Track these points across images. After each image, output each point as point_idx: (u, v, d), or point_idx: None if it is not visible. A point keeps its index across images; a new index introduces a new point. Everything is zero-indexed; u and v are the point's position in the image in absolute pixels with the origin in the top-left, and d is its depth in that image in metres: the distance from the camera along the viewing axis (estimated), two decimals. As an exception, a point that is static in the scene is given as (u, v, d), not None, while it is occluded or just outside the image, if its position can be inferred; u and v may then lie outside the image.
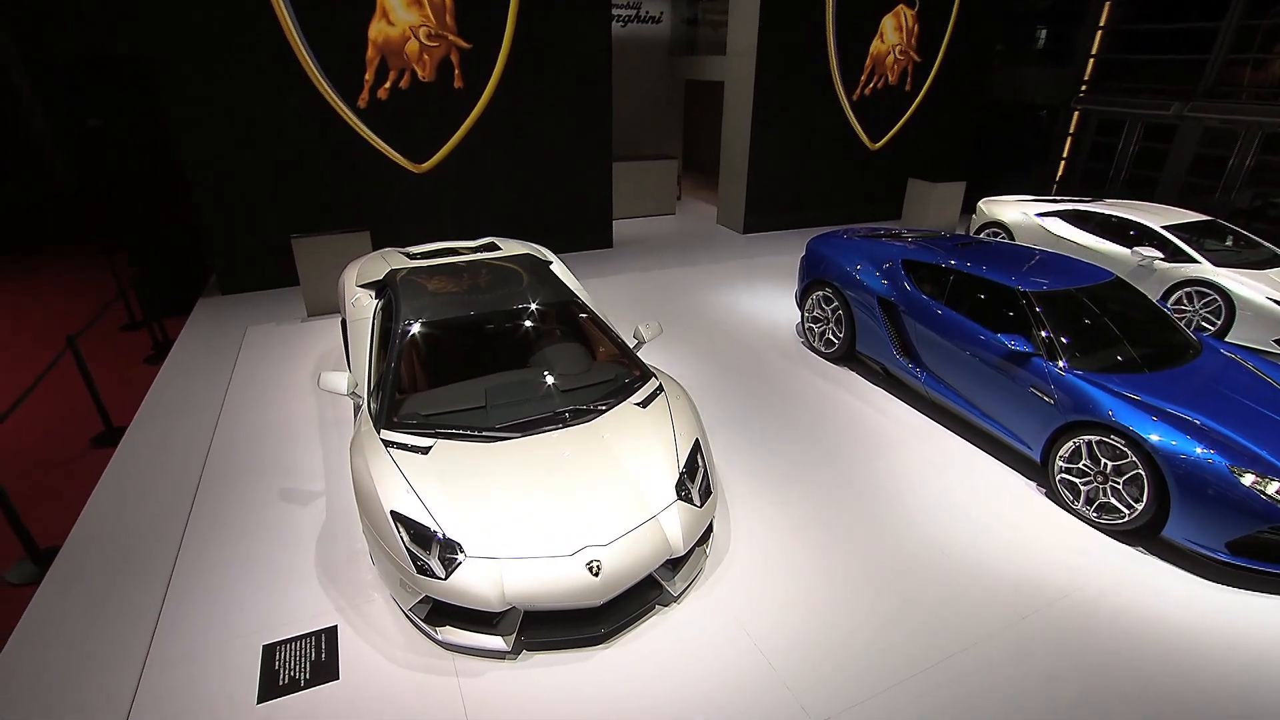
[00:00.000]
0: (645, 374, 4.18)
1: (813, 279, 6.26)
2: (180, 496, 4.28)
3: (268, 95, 7.59)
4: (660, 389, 4.04)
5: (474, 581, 2.94)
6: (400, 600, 3.20)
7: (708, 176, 13.63)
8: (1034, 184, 12.62)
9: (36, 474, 4.95)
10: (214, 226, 7.83)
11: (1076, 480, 4.09)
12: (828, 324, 6.17)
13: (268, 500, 4.21)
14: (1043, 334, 4.41)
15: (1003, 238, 8.75)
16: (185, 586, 3.56)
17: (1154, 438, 3.65)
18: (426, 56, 8.30)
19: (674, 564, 3.39)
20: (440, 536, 3.03)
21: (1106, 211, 7.83)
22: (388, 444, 3.42)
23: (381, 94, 8.23)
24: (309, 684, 2.97)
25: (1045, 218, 8.30)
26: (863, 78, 11.00)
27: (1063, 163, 12.80)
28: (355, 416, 3.91)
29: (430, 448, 3.42)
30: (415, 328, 4.11)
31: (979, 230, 9.11)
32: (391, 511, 3.10)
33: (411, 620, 3.19)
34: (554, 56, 8.93)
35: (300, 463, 4.59)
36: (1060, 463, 4.15)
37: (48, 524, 4.17)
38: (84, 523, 4.12)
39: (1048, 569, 3.73)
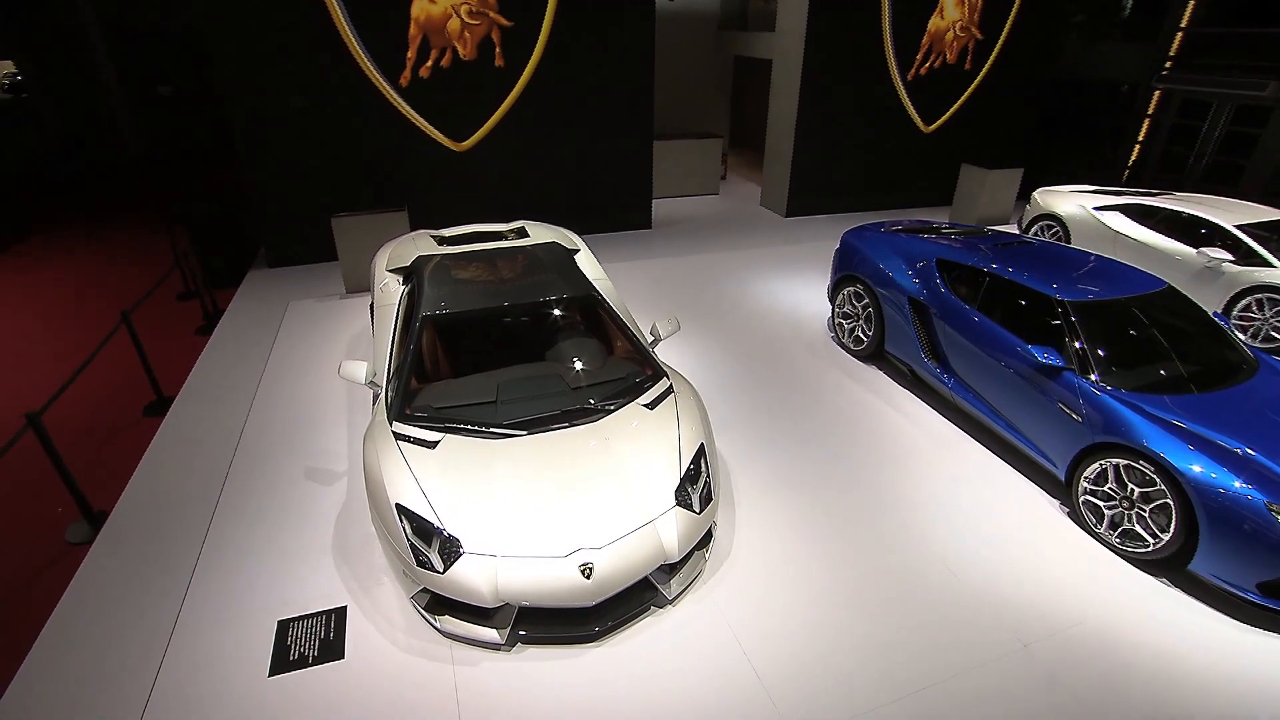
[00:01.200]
0: (657, 373, 4.18)
1: (844, 273, 6.09)
2: (215, 471, 4.54)
3: (312, 73, 7.76)
4: (670, 390, 4.04)
5: (470, 577, 3.04)
6: (403, 587, 3.34)
7: (756, 155, 13.29)
8: (1102, 171, 11.86)
9: (94, 441, 5.31)
10: (262, 200, 8.14)
11: (1101, 504, 3.92)
12: (857, 321, 6.02)
13: (294, 479, 4.43)
14: (1076, 346, 4.19)
15: (1056, 232, 8.29)
16: (214, 557, 3.80)
17: (1188, 467, 3.45)
18: (468, 34, 8.31)
19: (670, 568, 3.42)
20: (441, 531, 3.14)
21: (1173, 207, 7.30)
22: (398, 436, 3.54)
23: (423, 72, 8.30)
24: (316, 661, 3.15)
25: (1104, 211, 7.80)
26: (918, 56, 10.47)
27: (1137, 147, 11.96)
28: (373, 403, 4.04)
29: (438, 442, 3.52)
30: (434, 318, 4.21)
31: (1031, 223, 8.65)
32: (397, 504, 3.22)
33: (414, 606, 3.33)
34: (596, 33, 8.81)
35: (326, 443, 4.79)
36: (1085, 484, 3.98)
37: (102, 489, 4.48)
38: (131, 490, 4.43)
39: (1061, 594, 3.61)
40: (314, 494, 4.27)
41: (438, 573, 3.07)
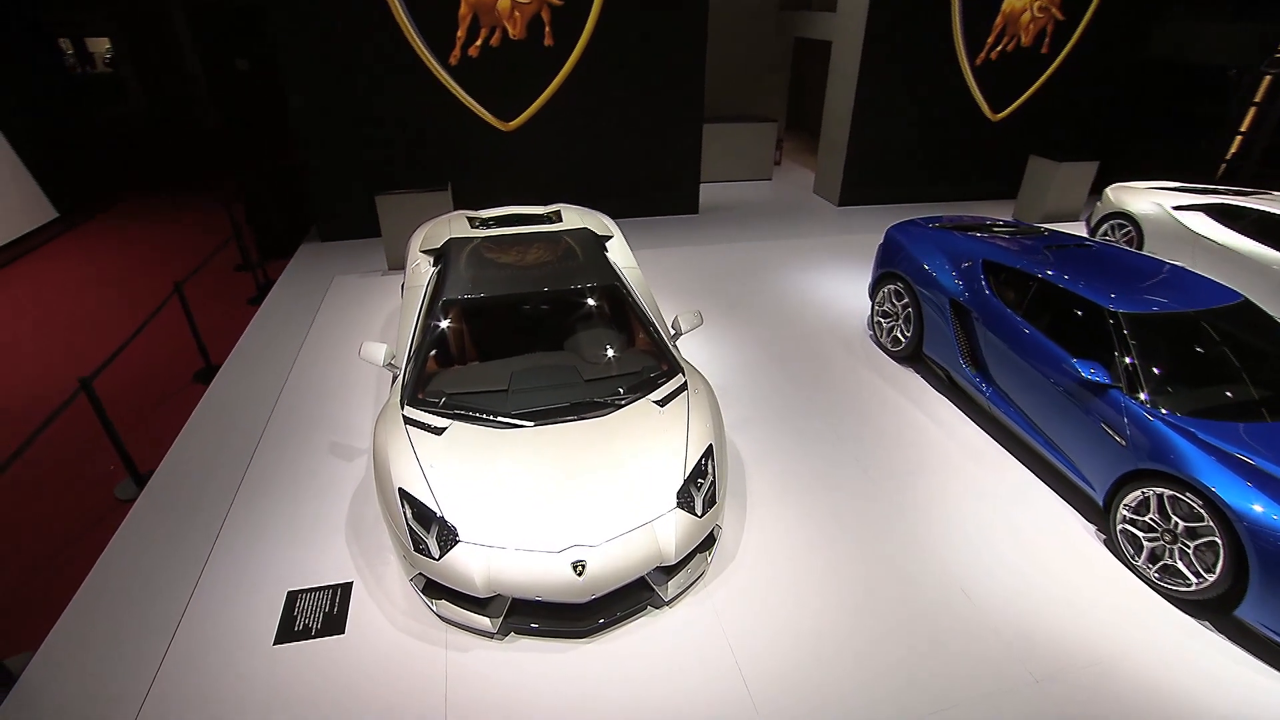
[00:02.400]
0: (673, 369, 4.10)
1: (886, 270, 5.82)
2: (248, 439, 4.74)
3: (364, 50, 7.89)
4: (684, 387, 3.95)
5: (463, 566, 3.08)
6: (404, 569, 3.41)
7: (815, 142, 12.84)
8: (1193, 165, 10.91)
9: (146, 403, 5.63)
10: (315, 174, 8.39)
11: (1140, 534, 3.63)
12: (897, 320, 5.75)
13: (318, 452, 4.58)
14: (1127, 362, 3.87)
15: (1128, 233, 7.69)
16: (238, 522, 3.98)
17: (1245, 506, 3.14)
18: (518, 14, 8.27)
19: (669, 569, 3.37)
20: (440, 518, 3.18)
21: (1267, 208, 6.64)
22: (408, 420, 3.60)
23: (473, 51, 8.33)
24: (318, 634, 3.26)
25: (1184, 211, 7.16)
26: (990, 39, 9.82)
27: (1238, 139, 10.92)
28: (391, 385, 4.12)
29: (445, 429, 3.55)
30: (455, 303, 4.25)
31: (1100, 222, 8.04)
32: (399, 489, 3.28)
33: (413, 589, 3.40)
34: (648, 12, 8.63)
35: (352, 419, 4.93)
36: (1124, 511, 3.69)
37: (150, 450, 4.75)
38: (172, 453, 4.68)
39: (1085, 629, 3.37)
40: (335, 468, 4.41)
41: (433, 559, 3.11)
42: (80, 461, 4.85)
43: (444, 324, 4.21)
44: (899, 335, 5.72)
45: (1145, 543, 3.62)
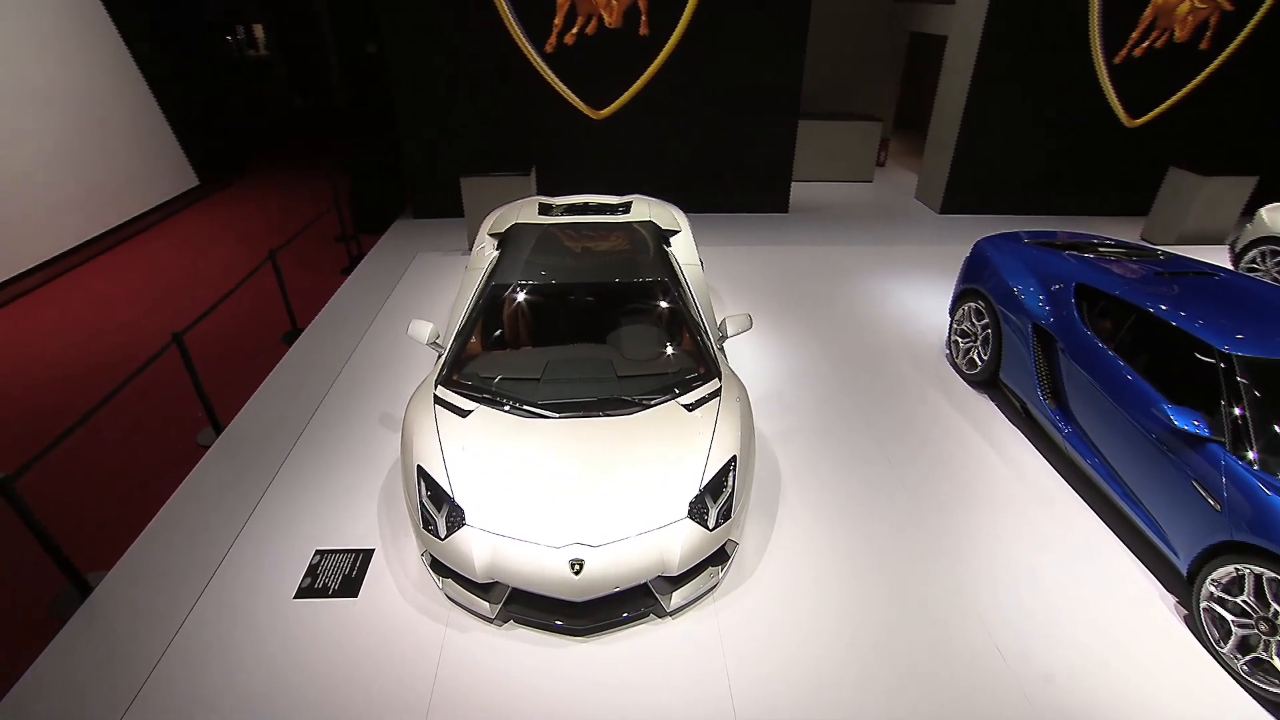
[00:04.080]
0: (710, 373, 3.96)
1: (968, 286, 5.34)
2: (310, 402, 5.06)
3: (465, 36, 8.17)
4: (717, 393, 3.80)
5: (465, 548, 3.11)
6: (418, 544, 3.51)
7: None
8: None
9: (235, 360, 6.14)
10: (413, 153, 8.81)
11: (1229, 617, 3.12)
12: (974, 341, 5.27)
13: (369, 421, 4.81)
14: (1235, 413, 3.32)
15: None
16: (286, 479, 4.26)
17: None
18: (615, 2, 8.27)
19: (673, 579, 3.26)
20: (451, 500, 3.24)
21: None
22: (438, 400, 3.69)
23: (568, 39, 8.43)
24: (334, 594, 3.43)
25: (1358, 243, 6.09)
26: (1135, 34, 8.74)
27: None
28: (435, 363, 4.24)
29: (471, 412, 3.61)
30: (503, 288, 4.31)
31: (1247, 247, 6.98)
32: (418, 466, 3.37)
33: (424, 564, 3.49)
34: (746, 6, 8.37)
35: (404, 392, 5.08)
36: (1211, 587, 3.18)
37: (232, 403, 5.16)
38: (247, 409, 5.08)
39: (1142, 715, 2.94)
40: (380, 438, 4.61)
41: (439, 539, 3.18)
42: (178, 408, 5.36)
43: (490, 308, 4.28)
44: (975, 358, 5.25)
45: (1234, 628, 3.10)
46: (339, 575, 3.54)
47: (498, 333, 4.37)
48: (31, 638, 3.31)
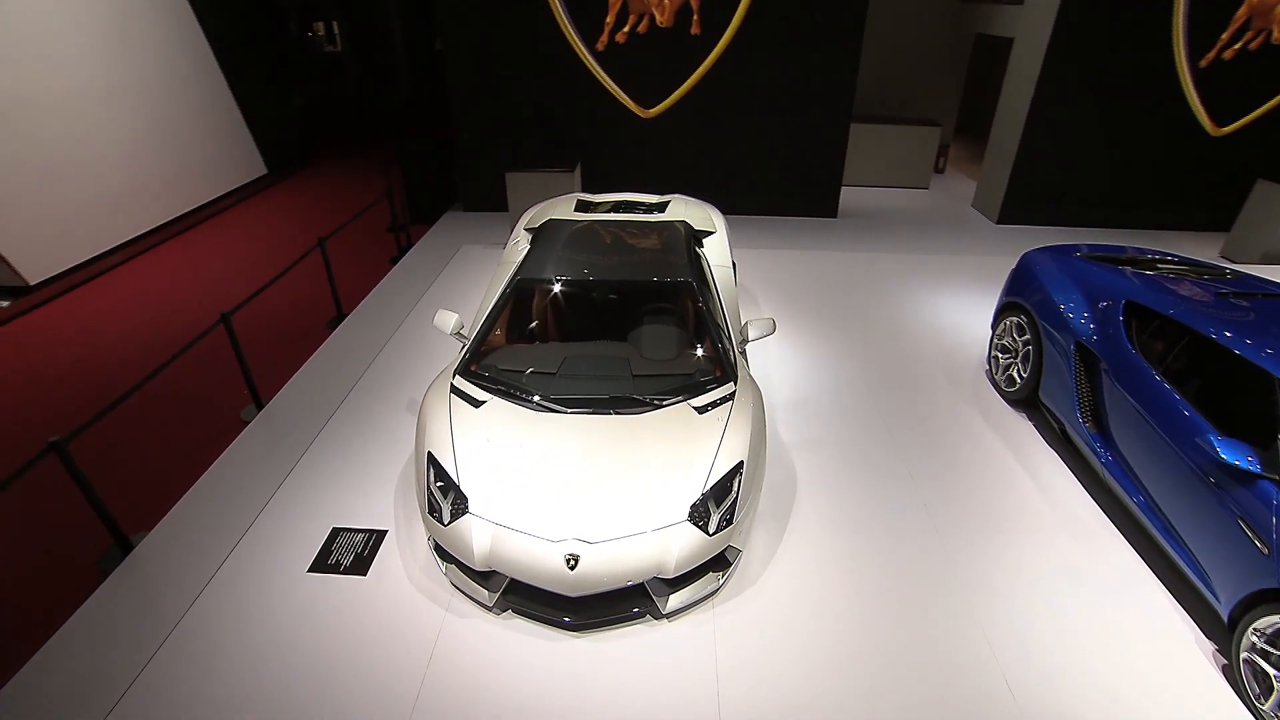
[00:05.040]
0: (726, 377, 3.91)
1: (1011, 299, 5.09)
2: (344, 385, 5.25)
3: (520, 35, 8.31)
4: (730, 397, 3.75)
5: (465, 535, 3.18)
6: (426, 529, 3.59)
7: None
8: None
9: (287, 341, 6.43)
10: (465, 147, 9.03)
11: (1272, 672, 2.87)
12: (1015, 357, 5.02)
13: (396, 407, 4.96)
14: (1291, 451, 3.06)
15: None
16: (313, 458, 4.44)
17: None
18: (667, 1, 8.25)
19: (670, 582, 3.24)
20: (456, 487, 3.31)
21: None
22: (454, 389, 3.77)
23: (620, 38, 8.46)
24: (345, 571, 3.55)
25: None
26: (1225, 36, 8.13)
27: None
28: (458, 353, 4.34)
29: (484, 403, 3.68)
30: (527, 283, 4.37)
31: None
32: (429, 452, 3.46)
33: (430, 548, 3.58)
34: (801, 7, 8.22)
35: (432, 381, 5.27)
36: (1254, 638, 2.94)
37: (275, 382, 5.40)
38: (287, 388, 5.32)
39: (1162, 765, 2.75)
40: (405, 424, 4.75)
41: (442, 524, 3.25)
42: (229, 384, 5.64)
43: (514, 302, 4.35)
44: (1015, 375, 5.00)
45: (1277, 683, 2.86)
46: (352, 553, 3.67)
47: (520, 326, 4.43)
48: (78, 589, 3.56)
